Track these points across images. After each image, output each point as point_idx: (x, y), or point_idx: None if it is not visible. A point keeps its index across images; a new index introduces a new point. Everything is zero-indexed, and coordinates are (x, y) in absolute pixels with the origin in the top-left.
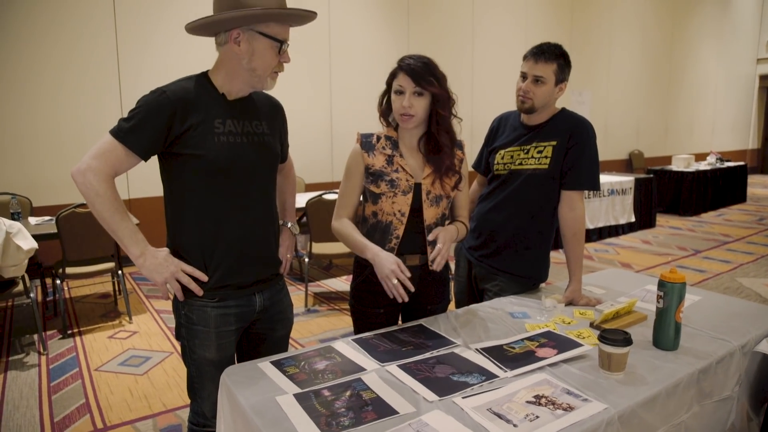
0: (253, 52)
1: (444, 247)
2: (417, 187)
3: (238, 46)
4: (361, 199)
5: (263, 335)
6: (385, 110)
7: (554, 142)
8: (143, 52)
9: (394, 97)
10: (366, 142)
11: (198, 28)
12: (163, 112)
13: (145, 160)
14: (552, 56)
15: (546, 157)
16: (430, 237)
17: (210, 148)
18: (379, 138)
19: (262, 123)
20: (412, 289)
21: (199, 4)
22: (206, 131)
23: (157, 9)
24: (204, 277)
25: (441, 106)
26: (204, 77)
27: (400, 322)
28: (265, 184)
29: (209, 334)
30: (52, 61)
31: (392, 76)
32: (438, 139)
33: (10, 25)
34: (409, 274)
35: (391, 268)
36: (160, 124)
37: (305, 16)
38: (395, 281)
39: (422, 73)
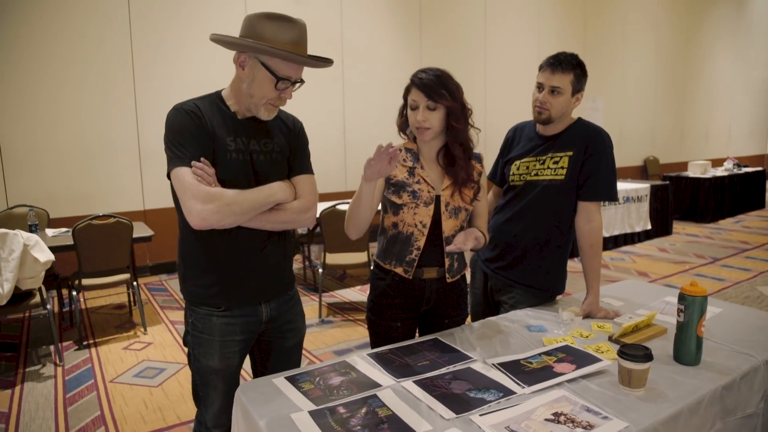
0: (253, 78)
1: (468, 242)
2: (437, 199)
3: (243, 69)
4: (381, 209)
5: (273, 345)
6: (403, 123)
7: (570, 153)
8: (158, 65)
9: (410, 112)
10: None
11: (219, 41)
12: (199, 124)
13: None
14: (569, 66)
15: (562, 167)
16: (450, 248)
17: (222, 165)
18: (399, 150)
19: (272, 141)
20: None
21: (217, 17)
22: (220, 149)
23: (172, 22)
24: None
25: (455, 118)
26: (218, 97)
27: (417, 334)
28: None
29: (213, 343)
30: (69, 74)
31: (407, 91)
32: (452, 152)
33: (28, 40)
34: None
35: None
36: (205, 133)
37: (315, 64)
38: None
39: (434, 86)
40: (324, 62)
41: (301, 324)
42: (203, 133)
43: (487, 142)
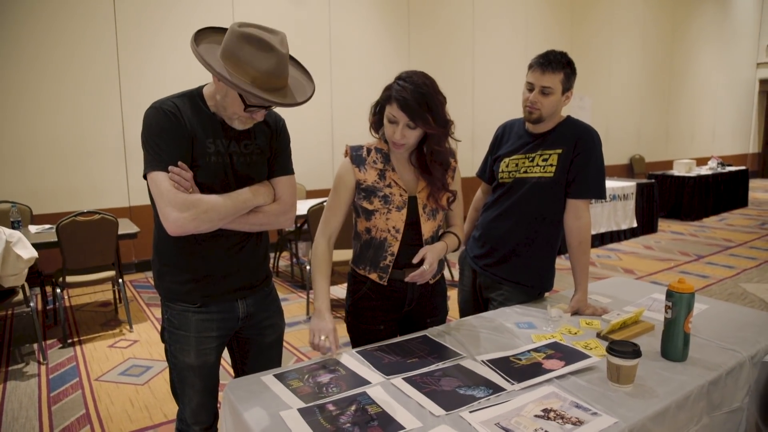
0: (225, 94)
1: (429, 269)
2: (412, 201)
3: (217, 81)
4: (354, 214)
5: (252, 342)
6: (377, 121)
7: (560, 150)
8: (144, 60)
9: (387, 123)
10: (356, 156)
11: (195, 54)
12: (178, 125)
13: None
14: (559, 66)
15: (551, 165)
16: (415, 260)
17: (202, 168)
18: (369, 151)
19: (253, 142)
20: (332, 354)
21: (201, 14)
22: (200, 151)
23: (158, 17)
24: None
25: (436, 142)
26: (198, 95)
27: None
28: None
29: (189, 339)
30: (53, 69)
31: (386, 101)
32: (429, 166)
33: (11, 34)
34: (330, 347)
35: (320, 328)
36: (184, 135)
37: (283, 105)
38: (321, 339)
39: (417, 109)
40: (296, 103)
41: (279, 320)
42: (182, 136)
43: (475, 139)
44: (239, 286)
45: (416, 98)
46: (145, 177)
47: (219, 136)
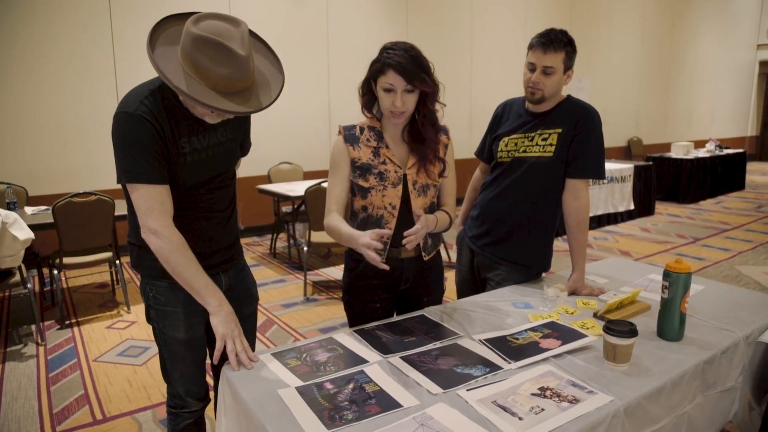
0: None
1: (422, 230)
2: (404, 178)
3: None
4: (350, 193)
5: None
6: (368, 101)
7: (560, 130)
8: (140, 40)
9: (383, 95)
10: (350, 135)
11: (149, 56)
12: (154, 135)
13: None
14: (560, 45)
15: (551, 144)
16: (415, 219)
17: (179, 169)
18: (362, 129)
19: (227, 128)
20: (384, 265)
21: None
22: (176, 152)
23: (152, 4)
24: (250, 364)
25: (430, 100)
26: (170, 91)
27: (395, 314)
28: (228, 184)
29: (178, 314)
30: (50, 51)
31: (379, 72)
32: (422, 132)
33: (9, 15)
34: (379, 246)
35: (364, 241)
36: (161, 145)
37: (238, 114)
38: (374, 249)
39: (414, 71)
40: (259, 109)
41: (255, 290)
42: (160, 147)
43: (473, 121)
44: (222, 260)
45: (410, 60)
46: (119, 182)
47: (195, 132)
